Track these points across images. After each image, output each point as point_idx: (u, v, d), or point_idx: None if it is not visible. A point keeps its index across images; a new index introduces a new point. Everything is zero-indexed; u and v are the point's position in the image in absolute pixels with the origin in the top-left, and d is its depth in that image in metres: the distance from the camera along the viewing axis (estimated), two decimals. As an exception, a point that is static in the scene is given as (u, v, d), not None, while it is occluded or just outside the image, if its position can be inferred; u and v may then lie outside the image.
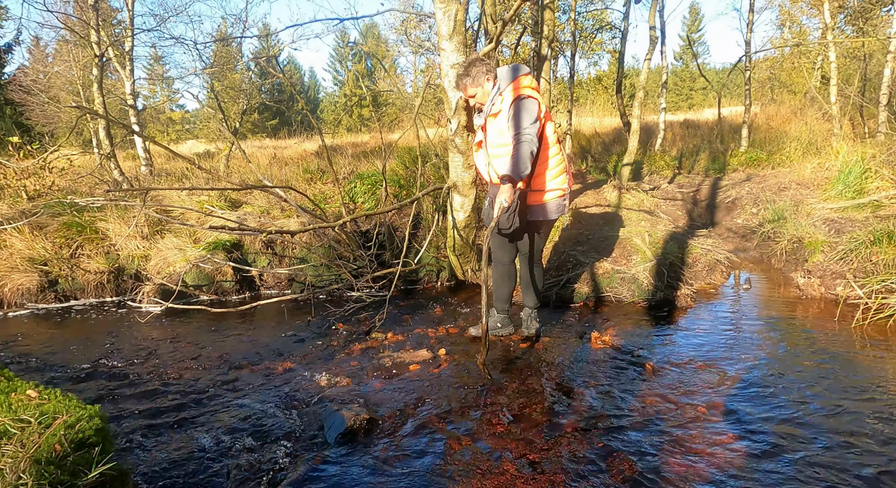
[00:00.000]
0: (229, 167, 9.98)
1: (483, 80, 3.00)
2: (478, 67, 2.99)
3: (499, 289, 3.55)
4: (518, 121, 2.88)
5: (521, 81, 3.00)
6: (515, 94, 2.94)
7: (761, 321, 3.84)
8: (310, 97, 41.91)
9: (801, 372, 2.98)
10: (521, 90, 2.96)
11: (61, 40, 11.91)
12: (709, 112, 19.24)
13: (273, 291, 5.43)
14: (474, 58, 3.05)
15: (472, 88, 3.03)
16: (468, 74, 3.01)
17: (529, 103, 2.92)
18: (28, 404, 1.61)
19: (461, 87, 3.06)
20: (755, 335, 3.57)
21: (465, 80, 3.03)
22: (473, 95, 3.06)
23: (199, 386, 3.21)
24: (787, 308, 4.09)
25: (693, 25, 40.66)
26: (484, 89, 3.03)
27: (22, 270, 5.04)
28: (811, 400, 2.66)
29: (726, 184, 7.47)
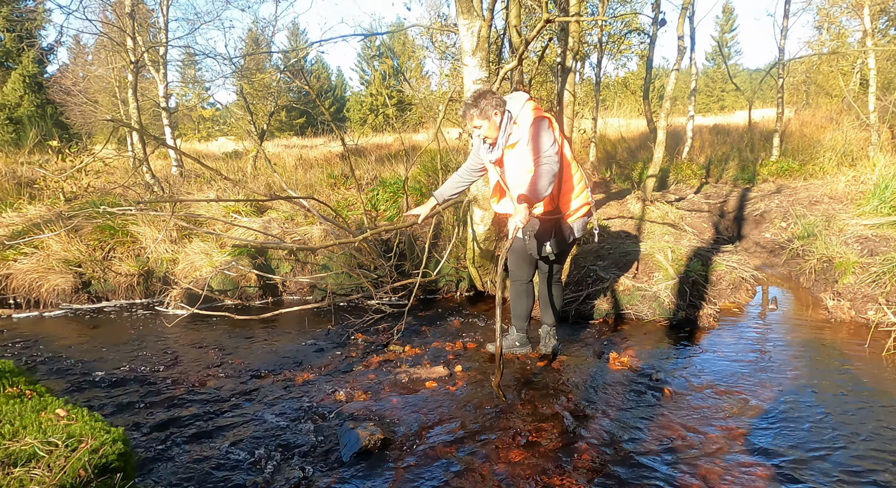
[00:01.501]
0: (256, 169, 10.18)
1: (491, 113, 2.97)
2: (487, 100, 2.95)
3: (516, 307, 3.55)
4: (538, 143, 2.88)
5: (530, 105, 3.02)
6: (531, 119, 2.94)
7: (787, 345, 3.75)
8: (336, 96, 42.33)
9: (827, 402, 2.90)
10: (534, 112, 2.96)
11: (99, 45, 12.31)
12: (740, 115, 18.76)
13: (295, 297, 5.52)
14: (485, 90, 3.02)
15: (479, 120, 2.99)
16: (476, 105, 2.97)
17: (545, 125, 2.93)
18: (56, 424, 1.68)
19: (468, 117, 3.01)
20: (780, 360, 3.48)
21: (472, 111, 2.98)
22: (478, 127, 3.02)
23: (222, 395, 3.30)
24: (815, 331, 3.98)
25: (726, 25, 39.67)
26: (490, 122, 2.99)
27: (58, 271, 5.24)
28: (837, 434, 2.59)
29: (755, 196, 7.29)
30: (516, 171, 3.06)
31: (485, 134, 3.04)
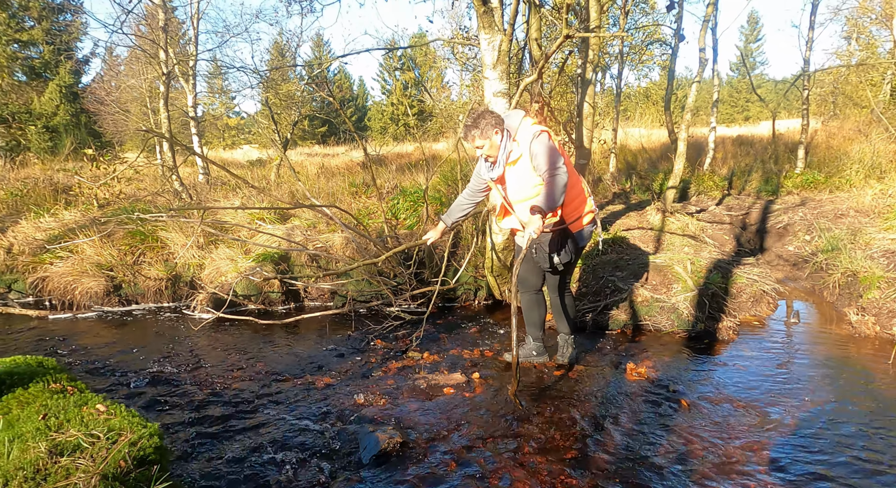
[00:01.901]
0: (280, 176, 10.42)
1: (491, 132, 3.03)
2: (487, 119, 3.01)
3: (529, 317, 3.60)
4: (547, 157, 2.93)
5: (528, 121, 3.09)
6: (531, 134, 3.01)
7: (808, 359, 3.71)
8: (358, 105, 42.92)
9: (849, 418, 2.88)
10: (533, 127, 3.03)
11: (132, 56, 12.76)
12: (765, 125, 18.49)
13: (316, 303, 5.64)
14: (483, 110, 3.08)
15: (480, 140, 3.05)
16: (476, 126, 3.03)
17: (546, 138, 3.00)
18: (97, 418, 1.79)
19: (469, 137, 3.07)
20: (801, 374, 3.45)
21: (473, 132, 3.04)
22: (480, 147, 3.08)
23: (245, 397, 3.40)
24: (838, 346, 3.93)
25: (751, 35, 39.21)
26: (491, 141, 3.05)
27: (91, 275, 5.45)
28: (859, 452, 2.57)
29: (778, 208, 7.20)
30: (519, 187, 3.13)
31: (486, 153, 3.10)
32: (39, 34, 15.73)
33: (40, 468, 1.47)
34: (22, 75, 16.34)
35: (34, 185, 8.36)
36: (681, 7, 8.12)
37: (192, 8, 9.63)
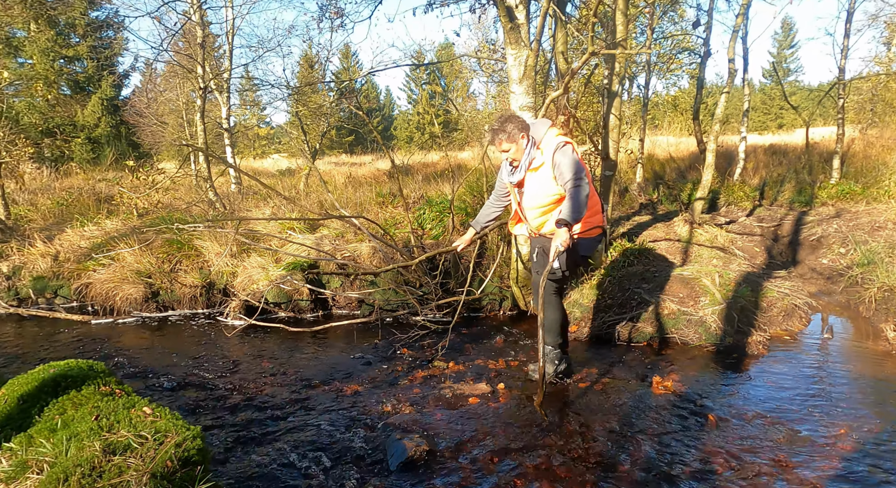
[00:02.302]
0: (308, 185, 10.66)
1: (518, 136, 3.10)
2: (513, 124, 3.10)
3: (556, 328, 3.60)
4: (572, 167, 2.99)
5: (554, 131, 3.16)
6: (556, 143, 3.07)
7: (842, 376, 3.63)
8: (384, 114, 43.53)
9: (885, 438, 2.81)
10: (557, 138, 3.11)
11: (169, 71, 13.27)
12: (799, 133, 18.04)
13: (344, 311, 5.76)
14: (510, 115, 3.18)
15: (507, 143, 3.12)
16: (504, 130, 3.10)
17: (570, 149, 3.06)
18: (144, 420, 1.90)
19: (497, 141, 3.14)
20: (834, 391, 3.39)
21: (500, 136, 3.12)
22: (507, 150, 3.15)
23: (277, 402, 3.51)
24: (874, 363, 3.83)
25: (785, 41, 38.32)
26: (518, 145, 3.12)
27: (131, 281, 5.69)
28: (894, 473, 2.51)
29: (812, 220, 7.04)
30: (535, 194, 3.20)
31: (512, 156, 3.18)
32: (84, 50, 16.50)
33: (96, 465, 1.58)
34: (67, 89, 17.14)
35: (78, 195, 8.77)
36: (710, 17, 8.07)
37: (227, 24, 10.00)
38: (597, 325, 4.55)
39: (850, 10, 8.57)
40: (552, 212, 3.22)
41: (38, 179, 11.76)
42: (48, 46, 15.46)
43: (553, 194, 3.13)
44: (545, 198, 3.16)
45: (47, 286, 6.03)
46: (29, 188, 9.99)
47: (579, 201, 2.94)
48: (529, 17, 4.25)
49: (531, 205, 3.25)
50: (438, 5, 5.44)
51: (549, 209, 3.22)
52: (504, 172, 3.37)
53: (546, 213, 3.24)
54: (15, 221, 7.51)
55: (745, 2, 6.53)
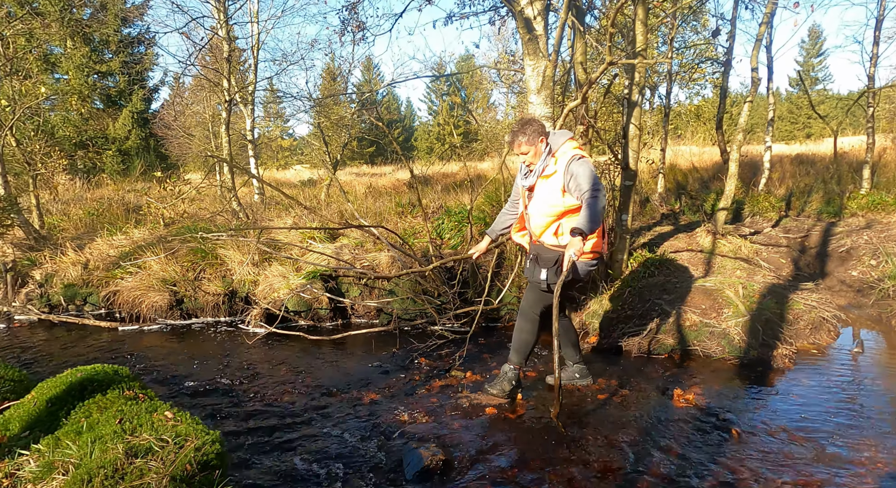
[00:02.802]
0: (329, 196, 10.81)
1: (537, 140, 3.13)
2: (533, 127, 3.13)
3: (523, 349, 3.52)
4: (589, 178, 2.98)
5: (572, 144, 3.17)
6: (571, 155, 3.09)
7: (873, 391, 3.51)
8: (405, 125, 43.97)
9: (914, 456, 2.71)
10: (574, 150, 3.13)
11: (196, 84, 13.66)
12: (828, 143, 17.62)
13: (362, 320, 5.79)
14: (530, 118, 3.19)
15: (527, 146, 3.15)
16: (524, 132, 3.13)
17: (588, 162, 3.07)
18: (165, 425, 1.95)
19: (516, 143, 3.17)
20: (864, 407, 3.28)
21: (520, 138, 3.14)
22: (526, 153, 3.18)
23: (295, 410, 3.55)
24: (906, 379, 3.70)
25: (813, 50, 37.61)
26: (536, 148, 3.15)
27: (156, 289, 5.83)
28: (923, 492, 2.42)
29: (841, 231, 6.85)
30: (542, 202, 3.20)
31: (530, 160, 3.21)
32: (116, 65, 17.10)
33: (118, 468, 1.62)
34: (100, 103, 17.76)
35: (108, 205, 9.05)
36: (733, 26, 7.99)
37: (252, 39, 10.28)
38: (617, 336, 4.50)
39: (880, 18, 8.39)
40: (553, 224, 3.22)
41: (70, 190, 12.18)
42: (83, 62, 16.08)
43: (557, 205, 3.14)
44: (550, 207, 3.18)
45: (77, 293, 6.21)
46: (62, 198, 10.36)
47: (596, 211, 2.92)
48: (548, 28, 4.28)
49: (536, 211, 3.26)
50: (458, 18, 5.51)
51: (551, 220, 3.21)
52: (520, 175, 3.40)
53: (548, 223, 3.23)
54: (49, 230, 7.77)
55: (769, 10, 6.46)
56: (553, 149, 3.17)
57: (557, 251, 3.21)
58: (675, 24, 9.27)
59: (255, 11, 10.30)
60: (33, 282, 6.45)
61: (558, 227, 3.21)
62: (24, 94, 7.07)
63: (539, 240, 3.31)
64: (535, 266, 3.32)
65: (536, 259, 3.31)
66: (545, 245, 3.27)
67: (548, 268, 3.23)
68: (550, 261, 3.23)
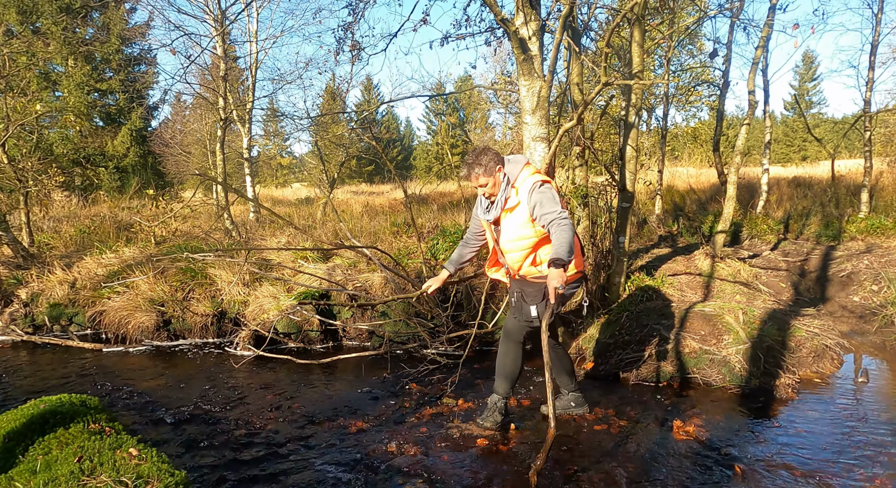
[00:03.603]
0: (325, 214, 10.75)
1: (495, 169, 2.98)
2: (489, 156, 2.98)
3: (510, 377, 3.38)
4: (554, 205, 2.86)
5: (529, 170, 3.03)
6: (532, 182, 2.95)
7: (879, 424, 3.37)
8: (404, 144, 44.24)
9: (927, 496, 2.57)
10: (534, 176, 2.99)
11: (195, 103, 13.71)
12: (825, 165, 17.68)
13: (354, 342, 5.65)
14: (484, 147, 3.04)
15: (484, 177, 2.99)
16: (479, 163, 2.97)
17: (550, 187, 2.94)
18: (128, 464, 1.81)
19: (473, 176, 3.00)
20: (871, 441, 3.14)
21: (476, 170, 2.98)
22: (484, 185, 3.02)
23: (279, 440, 3.40)
24: (914, 410, 3.57)
25: (807, 74, 38.11)
26: (495, 178, 3.00)
27: (143, 310, 5.69)
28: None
29: (841, 255, 6.77)
30: (513, 236, 3.06)
31: (489, 191, 3.05)
32: (116, 84, 17.19)
33: (69, 514, 1.49)
34: (100, 121, 17.80)
35: (100, 223, 8.95)
36: (729, 50, 8.04)
37: (250, 58, 10.32)
38: (614, 363, 4.36)
39: (874, 43, 8.45)
40: (529, 256, 3.07)
41: (66, 207, 12.09)
42: (83, 80, 16.15)
43: (529, 237, 3.01)
44: (522, 241, 3.04)
45: (63, 313, 6.07)
46: (56, 215, 10.26)
47: (569, 237, 2.75)
48: (543, 48, 4.25)
49: (509, 247, 3.11)
50: (454, 39, 5.50)
51: (526, 252, 3.07)
52: (479, 208, 3.22)
53: (524, 256, 3.08)
54: (38, 248, 7.66)
55: (765, 34, 6.48)
56: (511, 178, 3.02)
57: (541, 282, 3.05)
58: (672, 47, 9.32)
59: (253, 31, 10.37)
60: (18, 301, 6.31)
61: (535, 258, 3.08)
62: (18, 110, 7.03)
63: (519, 274, 3.16)
64: (521, 303, 3.15)
65: (522, 295, 3.14)
66: (527, 279, 3.12)
67: (536, 304, 3.07)
68: (538, 296, 3.07)
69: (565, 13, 3.84)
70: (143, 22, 17.47)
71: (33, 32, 14.39)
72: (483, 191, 3.06)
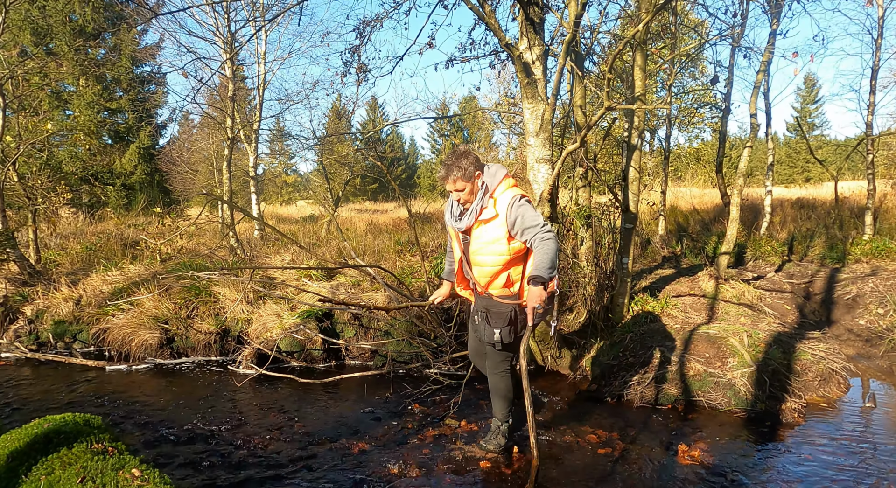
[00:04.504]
0: (329, 232, 10.79)
1: (474, 175, 2.79)
2: (469, 159, 2.78)
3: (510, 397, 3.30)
4: (535, 218, 2.74)
5: (508, 182, 2.88)
6: (512, 196, 2.80)
7: (888, 450, 3.33)
8: (409, 163, 44.60)
9: (938, 526, 2.53)
10: (513, 190, 2.84)
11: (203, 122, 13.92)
12: (828, 187, 17.71)
13: (357, 361, 5.63)
14: (464, 150, 2.82)
15: (463, 182, 2.78)
16: (458, 166, 2.76)
17: (528, 201, 2.81)
18: (131, 484, 1.81)
19: (451, 179, 2.78)
20: (881, 468, 3.09)
21: (455, 173, 2.77)
22: (461, 190, 2.80)
23: (280, 460, 3.37)
24: (923, 436, 3.52)
25: (809, 97, 38.39)
26: (473, 185, 2.81)
27: (147, 327, 5.70)
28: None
29: (846, 278, 6.74)
30: (486, 249, 2.86)
31: (465, 198, 2.84)
32: (126, 103, 17.49)
33: (71, 536, 1.49)
34: (109, 139, 18.06)
35: (107, 240, 9.02)
36: (730, 73, 8.14)
37: (258, 79, 10.51)
38: (617, 385, 4.33)
39: (875, 68, 8.55)
40: (502, 274, 2.89)
41: (73, 224, 12.20)
42: (94, 100, 16.44)
43: (503, 253, 2.83)
44: (496, 256, 2.85)
45: (67, 330, 6.08)
46: (63, 232, 10.35)
47: (553, 253, 2.65)
48: (546, 72, 4.32)
49: (478, 259, 2.90)
50: (459, 61, 5.60)
51: (498, 269, 2.88)
52: (450, 214, 3.00)
53: (495, 272, 2.89)
54: (44, 265, 7.71)
55: (766, 59, 6.57)
56: (490, 188, 2.83)
57: (510, 304, 2.90)
58: (674, 71, 9.45)
59: (262, 53, 10.57)
60: (23, 318, 6.33)
61: (508, 277, 2.89)
62: (29, 129, 7.15)
63: (487, 291, 2.97)
64: (485, 324, 2.95)
65: (487, 316, 2.95)
66: (495, 298, 2.94)
67: (501, 328, 2.90)
68: (503, 318, 2.91)
69: (568, 38, 3.92)
70: (154, 43, 17.87)
71: (47, 53, 14.71)
72: (458, 196, 2.85)
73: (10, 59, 7.05)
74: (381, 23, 5.19)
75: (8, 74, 6.43)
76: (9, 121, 7.33)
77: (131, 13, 10.36)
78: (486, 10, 3.74)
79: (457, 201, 2.91)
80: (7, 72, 6.46)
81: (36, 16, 14.41)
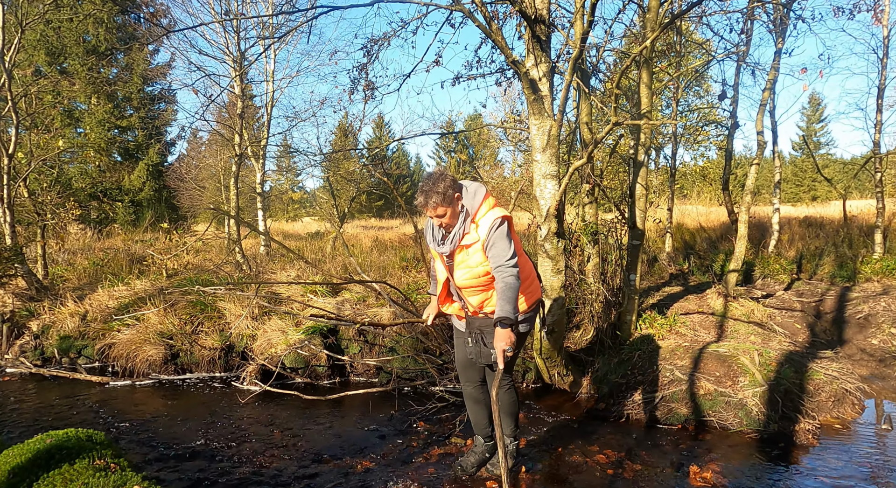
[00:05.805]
0: (335, 248, 10.81)
1: (454, 198, 2.69)
2: (446, 182, 2.67)
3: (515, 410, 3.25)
4: (504, 250, 2.65)
5: (489, 202, 2.78)
6: (493, 219, 2.70)
7: (906, 474, 3.24)
8: (414, 180, 44.86)
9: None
10: (494, 212, 2.74)
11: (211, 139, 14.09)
12: (835, 205, 17.63)
13: (361, 378, 5.58)
14: (440, 173, 2.71)
15: (443, 207, 2.68)
16: (436, 191, 2.64)
17: (507, 227, 2.72)
18: (133, 501, 1.77)
19: (430, 205, 2.67)
20: (898, 492, 3.01)
21: (434, 199, 2.65)
22: (441, 215, 2.70)
23: (283, 479, 3.32)
24: (942, 459, 3.42)
25: (814, 115, 38.48)
26: (454, 209, 2.71)
27: (152, 343, 5.68)
28: None
29: (857, 297, 6.65)
30: (471, 274, 2.80)
31: (447, 221, 2.73)
32: (136, 120, 17.76)
33: (70, 554, 1.45)
34: (119, 156, 18.30)
35: (114, 255, 9.07)
36: (736, 91, 8.18)
37: (267, 97, 10.65)
38: (626, 404, 4.26)
39: (881, 87, 8.56)
40: (493, 295, 2.82)
41: (81, 239, 12.28)
42: (105, 117, 16.70)
43: (489, 275, 2.76)
44: (479, 278, 2.79)
45: (73, 345, 6.07)
46: (71, 248, 10.42)
47: (512, 294, 2.59)
48: (553, 89, 4.35)
49: (465, 283, 2.84)
50: (465, 79, 5.66)
51: (486, 290, 2.84)
52: (430, 236, 2.92)
53: (487, 295, 2.85)
54: (52, 281, 7.74)
55: (772, 77, 6.60)
56: (471, 211, 2.74)
57: None
58: (680, 88, 9.51)
59: (270, 71, 10.74)
60: (29, 333, 6.33)
61: None
62: (41, 146, 7.25)
63: (482, 311, 2.91)
64: (480, 346, 2.88)
65: (482, 337, 2.87)
66: (490, 316, 2.85)
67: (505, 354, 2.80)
68: None
69: (575, 56, 3.96)
70: (165, 62, 18.20)
71: (60, 72, 15.01)
72: (440, 221, 2.74)
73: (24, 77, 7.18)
74: (389, 41, 5.27)
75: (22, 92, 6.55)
76: (21, 138, 7.44)
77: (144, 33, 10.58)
78: (492, 28, 3.79)
79: (438, 226, 2.83)
80: (21, 90, 6.58)
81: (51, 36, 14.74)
